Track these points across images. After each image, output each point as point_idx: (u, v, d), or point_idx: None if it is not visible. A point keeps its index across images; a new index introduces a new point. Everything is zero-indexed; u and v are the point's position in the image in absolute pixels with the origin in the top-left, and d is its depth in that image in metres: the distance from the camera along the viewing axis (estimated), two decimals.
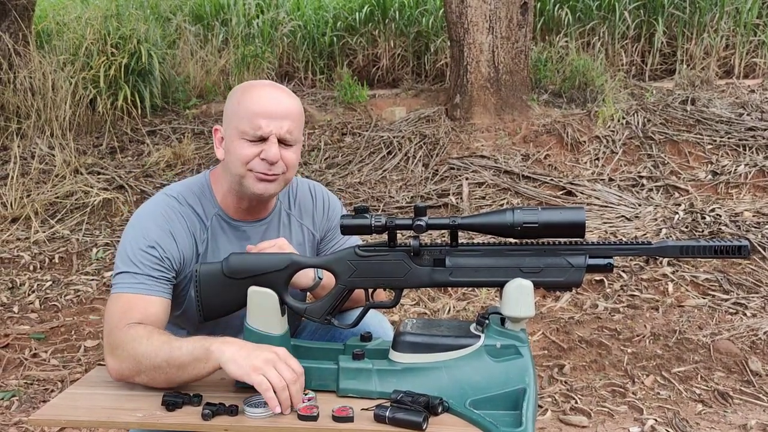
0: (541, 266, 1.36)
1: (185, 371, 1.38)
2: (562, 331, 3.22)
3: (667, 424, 2.63)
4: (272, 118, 1.53)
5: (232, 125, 1.56)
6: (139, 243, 1.54)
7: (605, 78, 5.70)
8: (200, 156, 5.20)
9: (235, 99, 1.58)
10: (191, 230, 1.61)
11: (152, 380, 1.41)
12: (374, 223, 1.38)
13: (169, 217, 1.58)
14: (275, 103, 1.55)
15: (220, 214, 1.65)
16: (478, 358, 1.35)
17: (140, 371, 1.41)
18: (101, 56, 5.56)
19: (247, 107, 1.54)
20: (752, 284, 3.51)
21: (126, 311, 1.48)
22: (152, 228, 1.56)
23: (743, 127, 5.08)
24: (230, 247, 1.63)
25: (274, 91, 1.58)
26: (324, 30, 7.00)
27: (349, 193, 4.69)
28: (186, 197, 1.63)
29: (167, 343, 1.40)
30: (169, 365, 1.38)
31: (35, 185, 4.84)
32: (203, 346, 1.37)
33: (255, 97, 1.55)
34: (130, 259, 1.53)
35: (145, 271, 1.52)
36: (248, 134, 1.53)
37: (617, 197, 4.48)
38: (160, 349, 1.39)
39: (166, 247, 1.55)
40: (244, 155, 1.54)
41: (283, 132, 1.54)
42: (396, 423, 1.26)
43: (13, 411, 2.80)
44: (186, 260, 1.60)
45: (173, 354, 1.38)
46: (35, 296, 3.71)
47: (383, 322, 1.69)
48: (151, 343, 1.40)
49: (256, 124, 1.52)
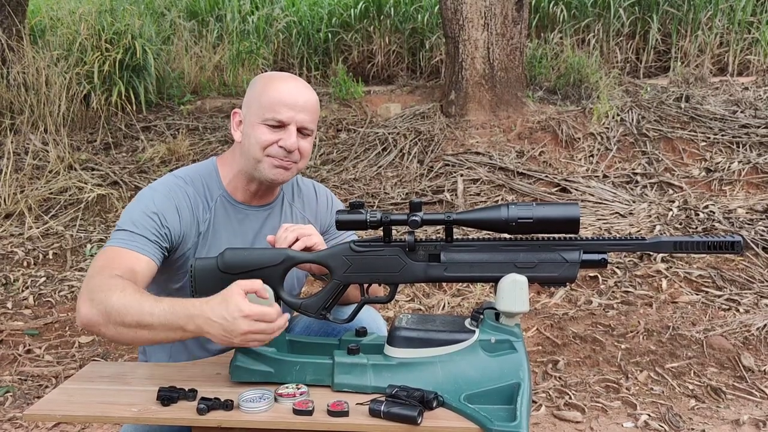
0: (535, 261, 1.36)
1: (154, 336, 1.36)
2: (556, 327, 3.23)
3: (661, 419, 2.65)
4: (294, 108, 1.61)
5: (253, 110, 1.64)
6: (143, 208, 1.59)
7: (600, 75, 5.71)
8: (195, 152, 5.19)
9: (259, 86, 1.66)
10: (194, 209, 1.65)
11: (118, 335, 1.39)
12: (369, 218, 1.39)
13: (175, 193, 1.63)
14: (297, 94, 1.63)
15: (225, 195, 1.70)
16: (472, 352, 1.35)
17: (107, 323, 1.37)
18: (95, 52, 5.53)
19: (271, 95, 1.62)
20: (745, 280, 3.53)
21: (112, 261, 1.49)
22: (159, 199, 1.61)
23: (737, 125, 5.09)
24: (231, 228, 1.68)
25: (297, 82, 1.67)
26: (319, 26, 6.99)
27: (344, 190, 4.69)
28: (193, 178, 1.69)
29: (139, 302, 1.36)
30: (139, 326, 1.35)
31: (29, 181, 4.83)
32: (177, 322, 1.33)
33: (279, 87, 1.63)
34: (131, 220, 1.57)
35: (143, 232, 1.55)
36: (270, 120, 1.60)
37: (611, 194, 4.49)
38: (131, 306, 1.35)
39: (168, 218, 1.59)
40: (264, 140, 1.61)
41: (302, 120, 1.62)
42: (391, 417, 1.26)
43: (7, 407, 2.80)
44: (186, 237, 1.63)
45: (143, 318, 1.34)
46: (29, 292, 3.70)
47: (377, 318, 1.69)
48: (124, 296, 1.37)
49: (279, 111, 1.60)
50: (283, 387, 1.37)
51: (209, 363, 1.56)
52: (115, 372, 1.54)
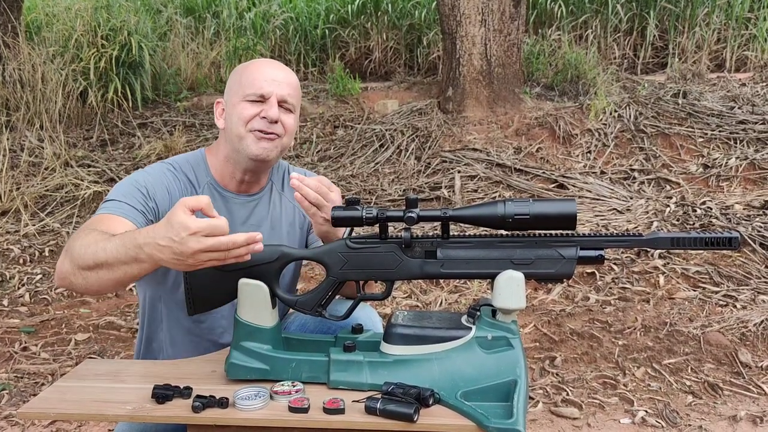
0: (532, 258, 1.36)
1: (113, 274, 1.32)
2: (553, 323, 3.23)
3: (658, 415, 2.65)
4: (274, 82, 1.64)
5: (233, 91, 1.67)
6: (132, 182, 1.61)
7: (597, 71, 5.71)
8: (191, 148, 5.17)
9: (239, 71, 1.70)
10: (183, 194, 1.65)
11: (85, 282, 1.36)
12: (365, 214, 1.38)
13: (165, 176, 1.66)
14: (277, 70, 1.68)
15: (213, 183, 1.71)
16: (469, 349, 1.35)
17: (74, 270, 1.36)
18: (91, 48, 5.51)
19: (251, 73, 1.66)
20: (742, 277, 3.53)
21: (93, 222, 1.48)
22: (149, 178, 1.63)
23: (734, 121, 5.10)
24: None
25: (276, 63, 1.72)
26: (316, 22, 6.97)
27: (342, 186, 4.68)
28: (181, 165, 1.71)
29: (95, 242, 1.33)
30: (97, 266, 1.32)
31: (25, 178, 4.81)
32: (127, 253, 1.28)
33: (258, 66, 1.68)
34: (119, 192, 1.59)
35: (129, 201, 1.56)
36: (250, 96, 1.62)
37: (609, 190, 4.49)
38: (88, 246, 1.33)
39: (157, 194, 1.61)
40: (246, 114, 1.63)
41: (283, 93, 1.64)
42: (387, 415, 1.26)
43: (3, 405, 2.79)
44: None
45: (98, 256, 1.31)
46: (25, 290, 3.69)
47: (372, 315, 1.68)
48: (86, 239, 1.35)
49: (260, 85, 1.63)
50: (278, 384, 1.37)
51: (204, 360, 1.55)
52: (110, 369, 1.53)
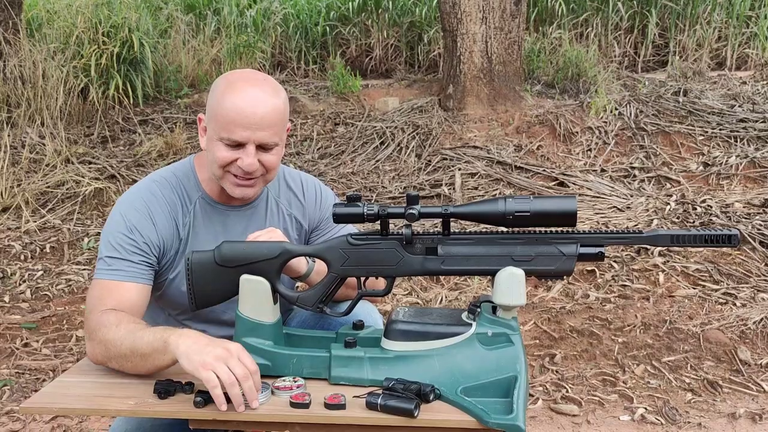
0: (532, 255, 1.36)
1: (147, 361, 1.38)
2: (553, 320, 3.24)
3: (657, 412, 2.66)
4: (250, 126, 1.51)
5: (212, 123, 1.56)
6: (120, 228, 1.56)
7: (598, 69, 5.70)
8: (192, 146, 5.18)
9: (218, 93, 1.55)
10: (173, 215, 1.61)
11: (121, 367, 1.43)
12: (367, 211, 1.38)
13: (150, 202, 1.59)
14: (255, 108, 1.51)
15: (204, 197, 1.65)
16: (469, 346, 1.35)
17: (110, 357, 1.43)
18: (92, 45, 5.51)
19: (227, 110, 1.51)
20: (742, 275, 3.53)
21: (101, 297, 1.50)
22: (133, 213, 1.57)
23: (735, 119, 5.10)
24: (214, 231, 1.64)
25: (256, 91, 1.53)
26: (317, 20, 6.97)
27: (342, 183, 4.68)
28: (170, 181, 1.64)
29: (132, 332, 1.40)
30: (132, 354, 1.39)
31: (26, 175, 4.81)
32: (162, 337, 1.36)
33: (235, 100, 1.51)
34: (111, 243, 1.55)
35: (125, 255, 1.53)
36: (225, 140, 1.52)
37: (609, 188, 4.49)
38: (125, 337, 1.39)
39: (144, 232, 1.56)
40: (222, 158, 1.54)
41: (259, 138, 1.53)
42: (388, 410, 1.26)
43: (5, 400, 2.80)
44: (166, 245, 1.60)
45: (136, 344, 1.38)
46: (26, 286, 3.70)
47: (372, 312, 1.69)
48: (118, 330, 1.41)
49: (233, 131, 1.51)
50: (280, 380, 1.37)
51: None
52: None
